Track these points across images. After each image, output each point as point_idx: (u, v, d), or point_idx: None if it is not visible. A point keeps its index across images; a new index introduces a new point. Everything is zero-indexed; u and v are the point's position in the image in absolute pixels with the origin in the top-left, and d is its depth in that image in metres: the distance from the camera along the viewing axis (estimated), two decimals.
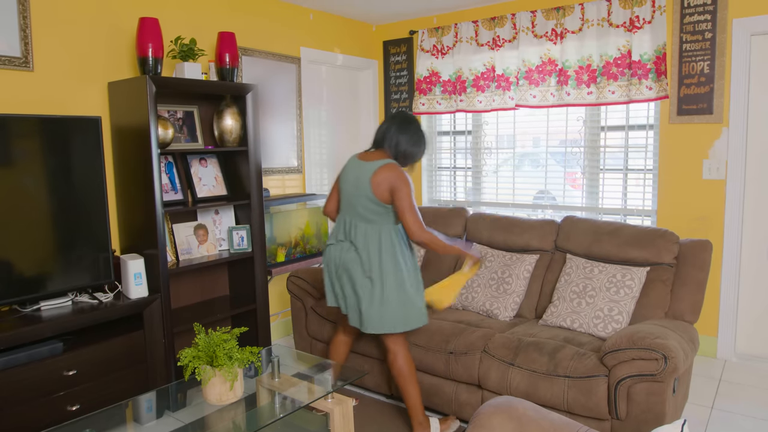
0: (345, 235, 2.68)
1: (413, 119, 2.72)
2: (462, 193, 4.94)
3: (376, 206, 2.57)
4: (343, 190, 2.70)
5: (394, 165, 2.57)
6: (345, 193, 2.68)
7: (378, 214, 2.59)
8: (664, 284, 2.91)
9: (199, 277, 3.60)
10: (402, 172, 2.56)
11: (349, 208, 2.67)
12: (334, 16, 4.70)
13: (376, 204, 2.57)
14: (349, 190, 2.65)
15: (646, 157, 4.00)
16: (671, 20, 3.71)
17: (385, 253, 2.59)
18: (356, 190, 2.61)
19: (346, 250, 2.64)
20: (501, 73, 4.31)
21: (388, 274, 2.58)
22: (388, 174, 2.53)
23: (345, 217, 2.70)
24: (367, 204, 2.58)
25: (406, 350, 2.72)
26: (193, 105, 3.53)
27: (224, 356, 2.19)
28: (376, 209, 2.58)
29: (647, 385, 2.36)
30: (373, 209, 2.58)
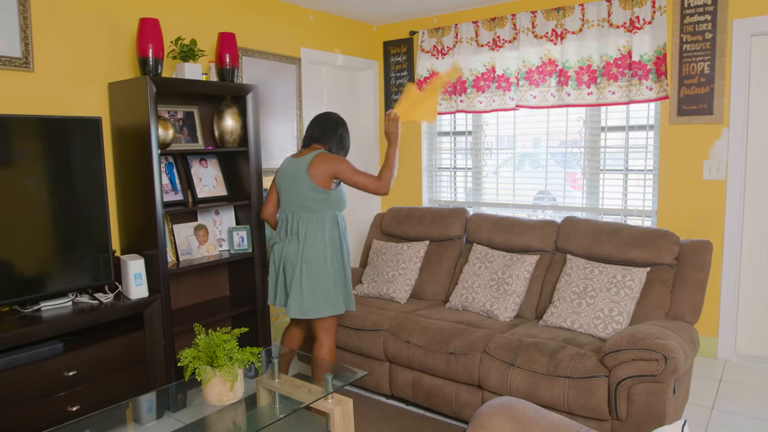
0: (287, 231, 2.87)
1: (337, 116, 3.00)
2: (462, 193, 4.94)
3: (317, 193, 2.78)
4: (282, 188, 2.90)
5: (326, 153, 2.83)
6: (284, 190, 2.88)
7: (319, 201, 2.80)
8: (665, 285, 2.91)
9: (199, 277, 3.60)
10: (335, 158, 2.81)
11: (290, 202, 2.86)
12: (335, 16, 4.70)
13: (317, 191, 2.78)
14: (289, 185, 2.85)
15: (646, 157, 4.00)
16: (671, 21, 3.71)
17: (327, 238, 2.80)
18: (296, 183, 2.81)
19: (289, 244, 2.84)
20: (501, 73, 4.31)
21: (328, 259, 2.80)
22: (323, 162, 2.78)
23: (286, 213, 2.89)
24: (308, 193, 2.78)
25: (332, 341, 2.92)
26: (193, 105, 3.53)
27: (224, 357, 2.19)
28: (317, 196, 2.79)
29: (647, 385, 2.36)
30: (314, 197, 2.79)
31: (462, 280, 3.38)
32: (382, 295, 3.57)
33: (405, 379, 3.07)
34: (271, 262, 2.94)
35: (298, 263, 2.78)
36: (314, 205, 2.79)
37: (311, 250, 2.78)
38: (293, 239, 2.82)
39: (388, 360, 3.14)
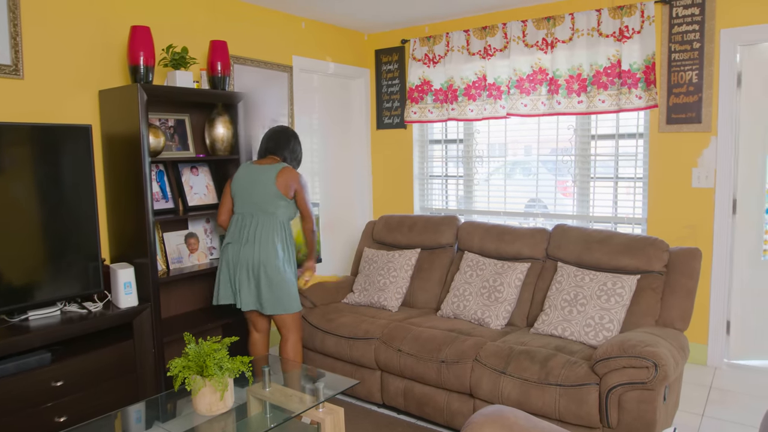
0: (240, 233, 3.01)
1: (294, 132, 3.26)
2: (454, 201, 4.95)
3: (280, 200, 2.99)
4: (243, 191, 3.04)
5: (292, 168, 3.07)
6: (245, 192, 3.03)
7: (279, 206, 3.00)
8: (655, 292, 2.92)
9: (189, 286, 3.58)
10: (294, 171, 3.07)
11: (247, 206, 3.02)
12: (327, 25, 4.71)
13: (280, 198, 2.99)
14: (252, 188, 3.01)
15: (636, 165, 4.03)
16: (660, 30, 3.75)
17: (281, 239, 3.00)
18: (260, 187, 2.99)
19: (244, 245, 2.97)
20: (492, 82, 4.33)
21: (283, 259, 2.98)
22: (291, 175, 3.02)
23: (242, 215, 3.04)
24: (272, 199, 2.98)
25: (297, 338, 3.12)
26: (184, 113, 3.52)
27: (214, 366, 2.18)
28: (279, 202, 3.00)
29: (638, 393, 2.36)
30: (276, 203, 2.99)
31: (453, 288, 3.38)
32: (373, 303, 3.57)
33: (396, 387, 3.07)
34: (224, 262, 3.03)
35: (256, 264, 2.93)
36: (275, 209, 3.00)
37: (268, 251, 2.94)
38: (249, 241, 2.97)
39: (380, 368, 3.13)
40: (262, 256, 2.93)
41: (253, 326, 3.21)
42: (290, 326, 3.08)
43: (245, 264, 2.95)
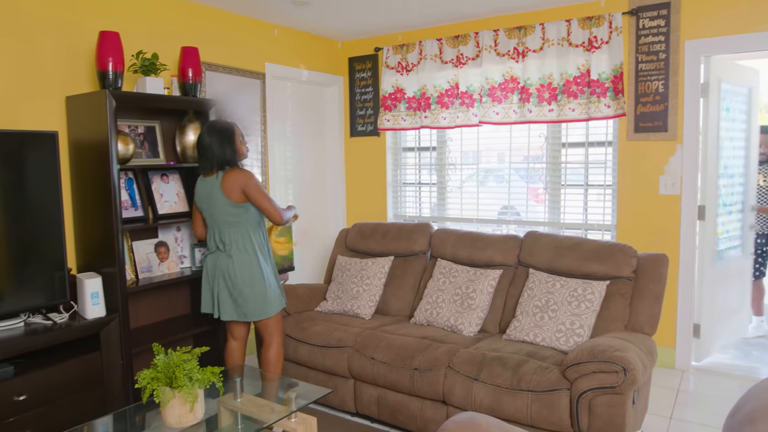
0: (216, 245, 3.00)
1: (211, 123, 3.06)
2: (427, 208, 4.97)
3: (235, 209, 2.93)
4: (203, 208, 3.03)
5: (234, 169, 2.95)
6: (205, 209, 3.02)
7: (238, 215, 2.94)
8: (623, 297, 2.97)
9: (159, 295, 3.52)
10: (243, 171, 2.94)
11: (212, 220, 2.99)
12: (300, 32, 4.71)
13: (234, 207, 2.92)
14: (207, 205, 2.99)
15: (605, 172, 4.10)
16: (627, 41, 3.83)
17: (254, 246, 2.97)
18: (214, 202, 2.95)
19: (220, 257, 2.96)
20: (465, 90, 4.37)
21: (257, 267, 2.96)
22: (233, 177, 2.91)
23: (213, 229, 3.01)
24: (227, 209, 2.93)
25: (279, 341, 3.12)
26: (154, 120, 3.48)
27: (184, 377, 2.14)
28: (235, 211, 2.93)
29: (608, 397, 2.39)
30: (233, 212, 2.93)
31: (426, 296, 3.39)
32: (346, 311, 3.55)
33: (370, 396, 3.05)
34: (204, 273, 3.08)
35: (232, 273, 2.93)
36: (235, 219, 2.95)
37: (241, 261, 2.93)
38: (223, 252, 2.96)
39: (353, 377, 3.12)
40: (236, 266, 2.92)
41: (231, 334, 3.20)
42: (272, 330, 3.09)
43: (222, 274, 2.96)
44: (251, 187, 2.91)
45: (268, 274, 3.03)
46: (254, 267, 2.96)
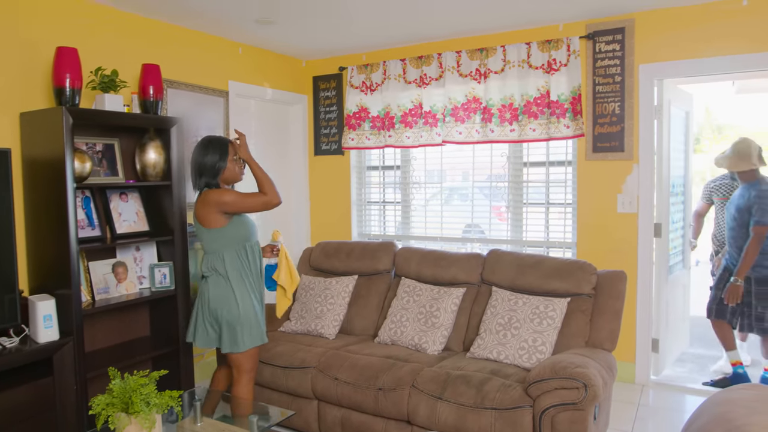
0: (201, 271, 2.89)
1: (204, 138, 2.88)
2: (392, 227, 4.98)
3: (210, 234, 2.77)
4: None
5: (205, 192, 2.76)
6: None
7: (214, 240, 2.77)
8: (584, 314, 3.02)
9: (117, 317, 3.42)
10: (216, 193, 2.72)
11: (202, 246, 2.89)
12: (264, 50, 4.70)
13: (209, 232, 2.76)
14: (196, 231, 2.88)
15: (565, 191, 4.19)
16: (585, 64, 3.95)
17: (226, 276, 2.77)
18: (195, 229, 2.85)
19: (202, 283, 2.86)
20: (428, 109, 4.42)
21: (231, 295, 2.75)
22: (202, 203, 2.74)
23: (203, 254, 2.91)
24: (204, 236, 2.79)
25: (247, 379, 2.86)
26: (113, 138, 3.41)
27: (141, 402, 2.08)
28: (211, 236, 2.77)
29: (570, 413, 2.42)
30: (208, 238, 2.78)
31: (391, 314, 3.38)
32: (310, 331, 3.51)
33: (334, 417, 3.01)
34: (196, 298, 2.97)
35: (206, 300, 2.80)
36: (212, 245, 2.79)
37: (216, 287, 2.78)
38: (204, 278, 2.85)
39: (317, 398, 3.07)
40: (210, 293, 2.78)
41: (220, 359, 3.15)
42: (241, 366, 2.83)
43: (200, 300, 2.85)
44: (228, 203, 2.70)
45: (246, 305, 2.78)
46: (229, 295, 2.76)
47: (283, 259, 3.12)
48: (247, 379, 2.86)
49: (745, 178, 3.81)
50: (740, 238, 3.78)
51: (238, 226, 2.80)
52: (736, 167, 3.81)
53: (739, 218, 3.80)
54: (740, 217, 3.78)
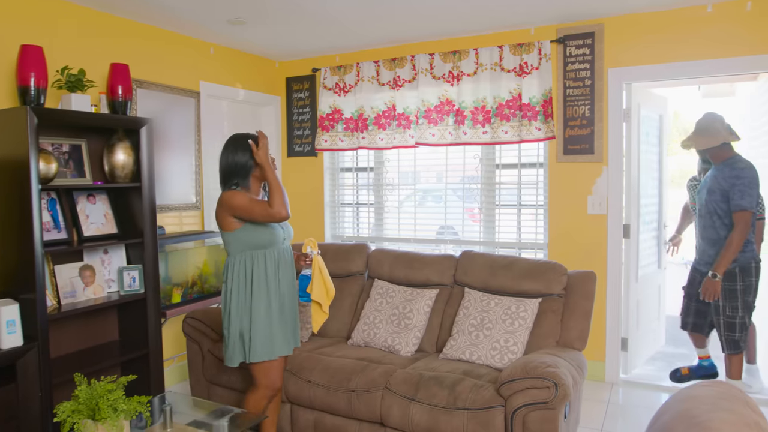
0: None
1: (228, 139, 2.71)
2: (365, 229, 4.98)
3: (226, 236, 2.63)
4: None
5: (223, 195, 2.60)
6: None
7: (229, 243, 2.63)
8: (555, 314, 3.06)
9: (84, 322, 3.35)
10: (230, 194, 2.56)
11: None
12: (236, 51, 4.66)
13: (226, 235, 2.63)
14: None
15: (537, 193, 4.24)
16: (556, 67, 4.01)
17: (239, 282, 2.60)
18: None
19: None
20: (401, 111, 4.44)
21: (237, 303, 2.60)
22: (220, 204, 2.59)
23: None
24: (222, 237, 2.66)
25: (260, 396, 2.65)
26: (81, 138, 3.33)
27: (108, 408, 2.03)
28: (227, 239, 2.64)
29: (541, 413, 2.44)
30: (226, 240, 2.64)
31: (364, 316, 3.37)
32: None
33: (307, 420, 2.99)
34: None
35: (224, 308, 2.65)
36: (228, 248, 2.65)
37: (224, 293, 2.64)
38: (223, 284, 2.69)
39: (289, 401, 3.05)
40: (223, 300, 2.65)
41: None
42: (255, 377, 2.67)
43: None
44: (238, 207, 2.53)
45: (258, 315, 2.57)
46: (239, 303, 2.59)
47: (317, 270, 2.75)
48: (261, 395, 2.66)
49: (717, 156, 3.35)
50: (710, 228, 3.35)
51: (253, 231, 2.59)
52: (704, 144, 3.35)
53: (710, 203, 3.33)
54: (712, 202, 3.31)
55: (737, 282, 3.29)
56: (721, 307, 3.34)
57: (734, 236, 3.19)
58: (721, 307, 3.35)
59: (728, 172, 3.22)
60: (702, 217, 3.43)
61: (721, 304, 3.33)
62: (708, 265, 3.39)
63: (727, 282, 3.31)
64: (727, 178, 3.21)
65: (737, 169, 3.21)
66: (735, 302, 3.29)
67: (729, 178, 3.21)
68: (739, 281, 3.29)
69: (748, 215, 3.16)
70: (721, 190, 3.25)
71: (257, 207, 2.54)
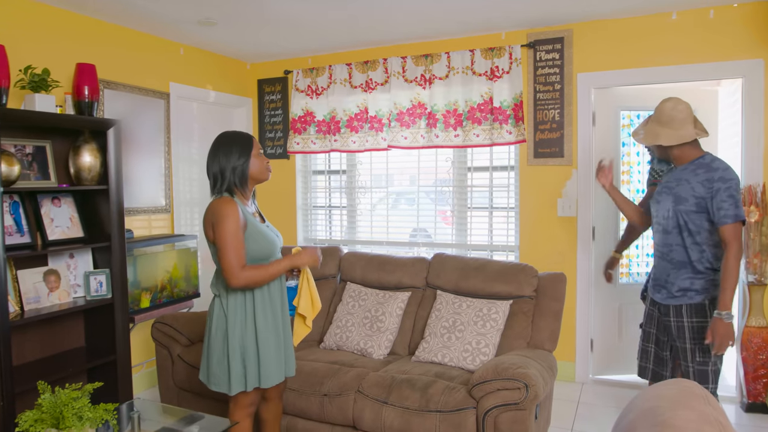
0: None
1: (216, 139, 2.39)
2: (338, 231, 4.96)
3: (213, 247, 2.30)
4: None
5: (217, 199, 2.27)
6: None
7: (214, 255, 2.32)
8: (526, 315, 3.09)
9: (49, 328, 3.27)
10: (222, 204, 2.23)
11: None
12: (207, 52, 4.61)
13: (212, 245, 2.31)
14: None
15: (508, 196, 4.28)
16: (526, 72, 4.06)
17: (226, 299, 2.32)
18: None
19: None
20: (374, 114, 4.44)
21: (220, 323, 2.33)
22: (209, 211, 2.26)
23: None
24: (210, 248, 2.33)
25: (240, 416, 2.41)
26: (45, 140, 3.25)
27: (73, 417, 1.98)
28: (212, 250, 2.32)
29: (512, 414, 2.46)
30: (213, 251, 2.32)
31: (336, 320, 3.36)
32: None
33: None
34: None
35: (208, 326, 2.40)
36: (215, 260, 2.32)
37: (211, 312, 2.38)
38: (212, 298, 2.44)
39: None
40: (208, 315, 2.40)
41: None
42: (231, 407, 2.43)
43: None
44: (217, 224, 2.21)
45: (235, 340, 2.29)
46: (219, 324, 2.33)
47: (304, 282, 2.53)
48: (241, 415, 2.42)
49: (684, 155, 2.58)
50: (678, 248, 2.57)
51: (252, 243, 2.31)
52: (673, 139, 2.54)
53: (679, 215, 2.54)
54: (681, 214, 2.53)
55: (708, 317, 2.52)
56: (689, 350, 2.55)
57: (731, 259, 2.41)
58: (689, 351, 2.55)
59: (704, 174, 2.48)
60: (665, 233, 2.62)
61: (689, 347, 2.55)
62: (669, 296, 2.61)
63: (696, 319, 2.54)
64: (705, 182, 2.46)
65: (719, 170, 2.47)
66: (704, 343, 2.51)
67: (708, 182, 2.46)
68: (710, 317, 2.52)
69: (740, 228, 2.44)
70: (697, 199, 2.48)
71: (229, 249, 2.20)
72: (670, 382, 1.17)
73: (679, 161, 2.61)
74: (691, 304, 2.55)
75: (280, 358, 2.40)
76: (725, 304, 2.42)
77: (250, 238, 2.30)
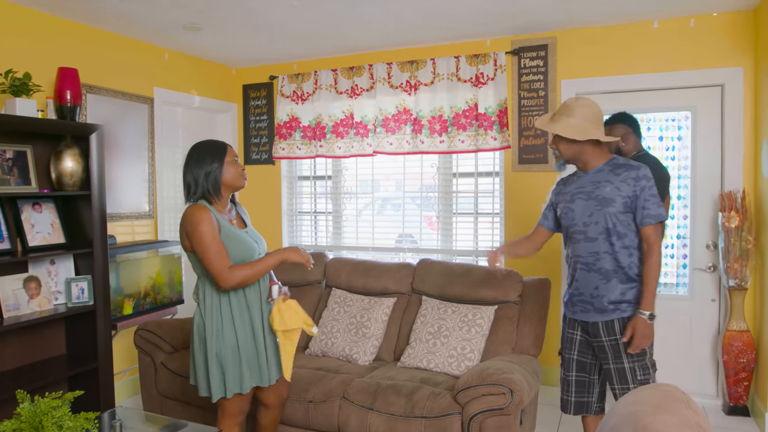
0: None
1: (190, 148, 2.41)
2: (323, 237, 4.95)
3: (190, 257, 2.32)
4: None
5: (190, 207, 2.28)
6: None
7: (196, 266, 2.33)
8: (511, 321, 3.10)
9: (29, 335, 3.22)
10: (194, 211, 2.23)
11: None
12: (192, 57, 4.59)
13: (189, 254, 2.32)
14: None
15: (493, 201, 4.31)
16: (511, 78, 4.09)
17: (206, 306, 2.32)
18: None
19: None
20: (359, 120, 4.44)
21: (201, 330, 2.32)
22: (183, 220, 2.27)
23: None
24: (190, 258, 2.33)
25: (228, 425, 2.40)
26: (26, 145, 3.21)
27: (53, 426, 1.95)
28: (192, 260, 2.33)
29: (497, 419, 2.47)
30: (192, 262, 2.33)
31: (321, 326, 3.35)
32: None
33: None
34: None
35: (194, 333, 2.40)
36: (196, 270, 2.35)
37: (195, 318, 2.37)
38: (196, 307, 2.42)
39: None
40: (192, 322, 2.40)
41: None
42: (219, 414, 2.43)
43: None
44: (193, 232, 2.21)
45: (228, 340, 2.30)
46: (199, 330, 2.33)
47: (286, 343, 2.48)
48: (228, 424, 2.41)
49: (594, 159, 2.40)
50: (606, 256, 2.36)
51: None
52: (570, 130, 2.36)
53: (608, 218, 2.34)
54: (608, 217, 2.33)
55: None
56: (628, 371, 2.34)
57: (654, 260, 2.29)
58: (628, 371, 2.34)
59: (627, 172, 2.32)
60: (589, 241, 2.41)
61: (628, 366, 2.34)
62: (598, 312, 2.39)
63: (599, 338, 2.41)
64: (630, 180, 2.31)
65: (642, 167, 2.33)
66: (644, 359, 2.34)
67: (634, 180, 2.30)
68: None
69: (660, 228, 2.36)
70: (623, 198, 2.31)
71: (212, 253, 2.20)
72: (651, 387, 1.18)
73: (588, 165, 2.42)
74: (623, 318, 2.34)
75: (261, 362, 2.40)
76: (648, 304, 2.28)
77: (224, 244, 2.27)
